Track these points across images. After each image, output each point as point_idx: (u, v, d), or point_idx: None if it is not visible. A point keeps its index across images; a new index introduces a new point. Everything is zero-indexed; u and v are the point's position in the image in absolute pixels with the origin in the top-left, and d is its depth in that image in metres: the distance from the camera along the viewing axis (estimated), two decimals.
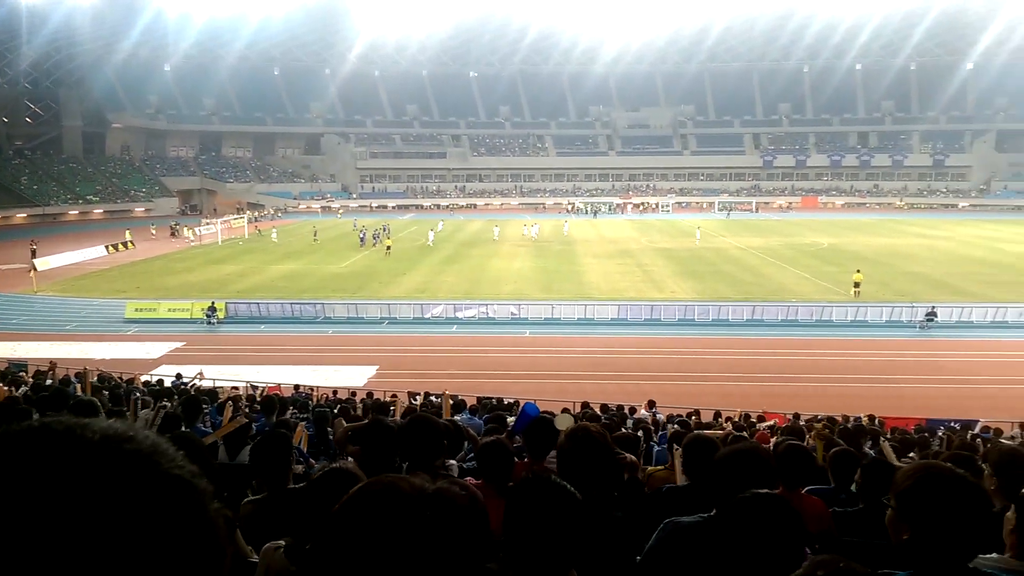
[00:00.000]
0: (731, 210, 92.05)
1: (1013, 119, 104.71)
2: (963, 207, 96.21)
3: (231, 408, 9.83)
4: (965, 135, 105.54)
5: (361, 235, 58.50)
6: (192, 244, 60.14)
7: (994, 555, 2.72)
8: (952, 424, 16.60)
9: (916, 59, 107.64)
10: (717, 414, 16.97)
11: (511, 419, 13.39)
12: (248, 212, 79.88)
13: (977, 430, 15.83)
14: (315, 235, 61.85)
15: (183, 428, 5.82)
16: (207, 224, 66.48)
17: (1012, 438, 13.84)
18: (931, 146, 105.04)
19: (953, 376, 24.44)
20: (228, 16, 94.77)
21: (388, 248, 52.82)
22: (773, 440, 7.99)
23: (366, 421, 4.39)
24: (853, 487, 4.57)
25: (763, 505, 2.10)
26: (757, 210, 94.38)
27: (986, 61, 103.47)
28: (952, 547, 2.12)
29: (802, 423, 13.74)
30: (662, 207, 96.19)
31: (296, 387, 20.35)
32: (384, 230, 59.84)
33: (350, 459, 3.97)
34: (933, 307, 31.06)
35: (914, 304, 32.18)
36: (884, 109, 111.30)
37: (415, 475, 2.59)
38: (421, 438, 3.46)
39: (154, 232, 66.24)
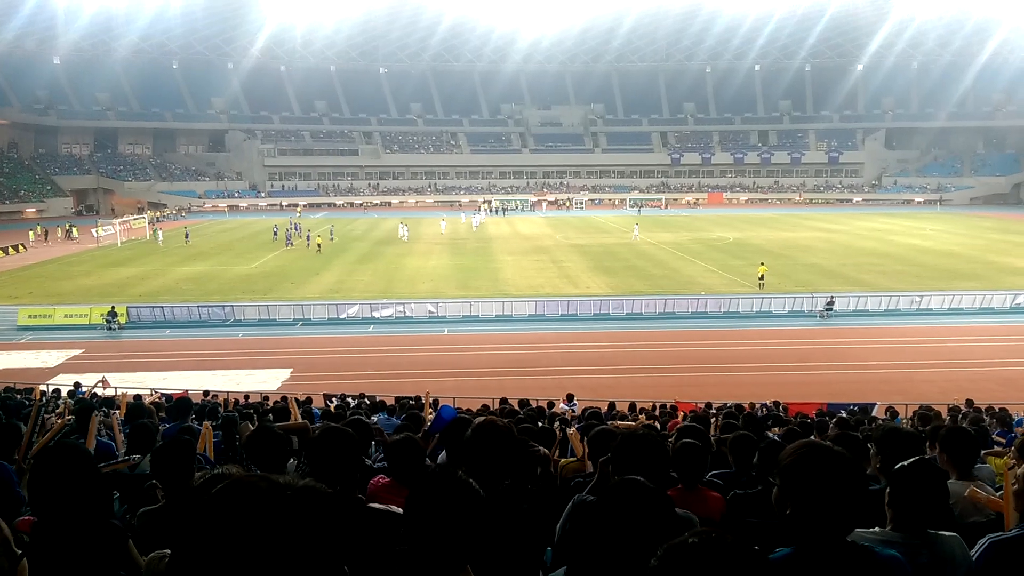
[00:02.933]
0: (641, 207, 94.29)
1: (900, 118, 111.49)
2: (857, 201, 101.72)
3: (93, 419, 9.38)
4: (857, 133, 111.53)
5: (288, 234, 57.02)
6: (77, 244, 57.07)
7: (876, 529, 2.89)
8: (852, 407, 17.50)
9: (811, 61, 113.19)
10: (632, 405, 17.35)
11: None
12: (149, 212, 76.44)
13: (875, 412, 16.76)
14: (186, 237, 58.06)
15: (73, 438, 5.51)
16: (105, 225, 63.09)
17: (910, 419, 14.73)
18: (826, 144, 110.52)
19: (852, 362, 25.76)
20: (121, 6, 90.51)
21: (319, 246, 52.03)
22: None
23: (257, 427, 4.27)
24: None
25: (626, 490, 2.19)
26: (666, 206, 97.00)
27: (875, 63, 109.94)
28: (829, 521, 2.24)
29: (712, 411, 14.22)
30: (576, 204, 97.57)
31: (205, 393, 19.63)
32: (295, 228, 58.50)
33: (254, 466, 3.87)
34: (832, 297, 32.66)
35: (814, 294, 33.75)
36: (782, 109, 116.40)
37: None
38: (335, 454, 3.20)
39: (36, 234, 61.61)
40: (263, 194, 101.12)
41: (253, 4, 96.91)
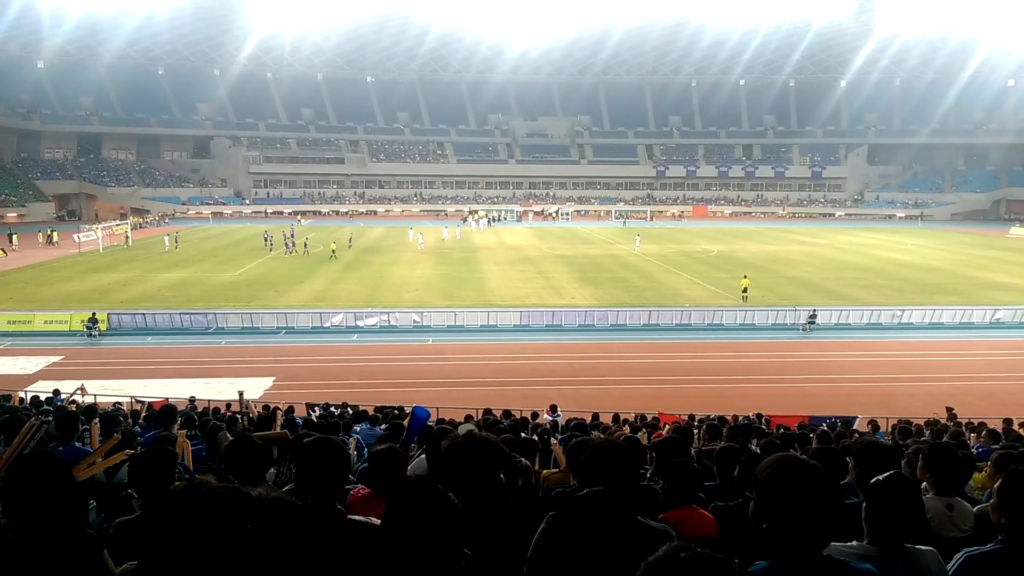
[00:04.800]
0: (627, 218, 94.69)
1: (883, 134, 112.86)
2: (840, 216, 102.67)
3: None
4: (840, 148, 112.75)
5: (288, 241, 57.15)
6: (57, 248, 56.47)
7: (853, 543, 2.91)
8: (833, 420, 17.60)
9: (795, 76, 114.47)
10: (616, 417, 17.36)
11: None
12: (132, 218, 75.79)
13: (856, 426, 16.86)
14: (176, 242, 57.62)
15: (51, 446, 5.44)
16: (87, 231, 62.45)
17: (891, 432, 14.81)
18: (809, 158, 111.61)
19: (834, 375, 25.90)
20: (107, 11, 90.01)
21: (333, 252, 52.88)
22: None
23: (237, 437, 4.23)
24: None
25: (591, 504, 2.20)
26: (651, 219, 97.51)
27: (858, 80, 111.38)
28: (804, 535, 2.24)
29: (695, 423, 14.25)
30: (561, 215, 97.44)
31: (191, 399, 19.49)
32: (292, 235, 58.64)
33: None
34: (814, 310, 32.89)
35: (797, 308, 33.96)
36: (766, 123, 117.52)
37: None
38: (323, 465, 3.15)
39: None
40: (248, 201, 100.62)
41: (241, 11, 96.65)
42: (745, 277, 38.57)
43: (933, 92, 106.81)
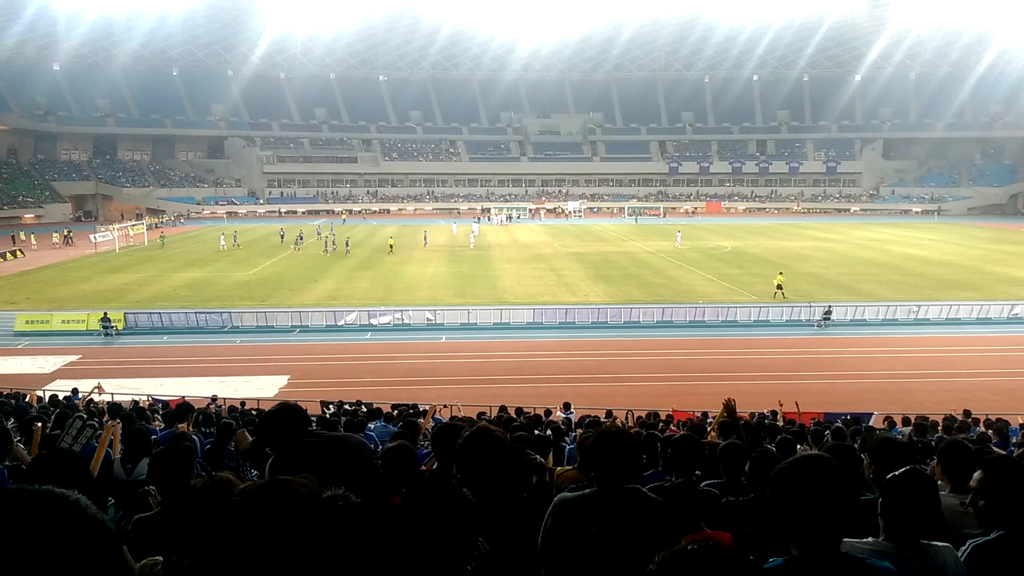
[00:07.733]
0: (639, 215, 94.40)
1: (898, 128, 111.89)
2: (855, 211, 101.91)
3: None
4: (855, 143, 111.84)
5: (336, 239, 58.27)
6: (57, 248, 57.02)
7: (869, 539, 2.90)
8: (847, 417, 17.48)
9: (809, 71, 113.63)
10: (629, 414, 17.34)
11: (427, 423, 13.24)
12: (148, 218, 76.42)
13: (872, 422, 16.74)
14: (235, 242, 58.89)
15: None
16: (103, 231, 63.03)
17: (909, 430, 14.69)
18: (824, 154, 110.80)
19: (849, 372, 25.75)
20: (121, 13, 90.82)
21: (391, 247, 54.66)
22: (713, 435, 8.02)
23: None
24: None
25: (626, 498, 2.19)
26: (664, 215, 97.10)
27: (873, 74, 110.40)
28: (818, 530, 2.23)
29: (709, 420, 14.19)
30: (575, 212, 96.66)
31: (214, 398, 19.68)
32: (331, 233, 59.53)
33: (255, 472, 3.87)
34: (829, 306, 32.67)
35: (812, 304, 33.76)
36: (780, 118, 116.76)
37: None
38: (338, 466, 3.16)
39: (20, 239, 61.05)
40: (262, 201, 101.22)
41: (254, 12, 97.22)
42: (781, 274, 38.12)
43: (948, 86, 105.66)
